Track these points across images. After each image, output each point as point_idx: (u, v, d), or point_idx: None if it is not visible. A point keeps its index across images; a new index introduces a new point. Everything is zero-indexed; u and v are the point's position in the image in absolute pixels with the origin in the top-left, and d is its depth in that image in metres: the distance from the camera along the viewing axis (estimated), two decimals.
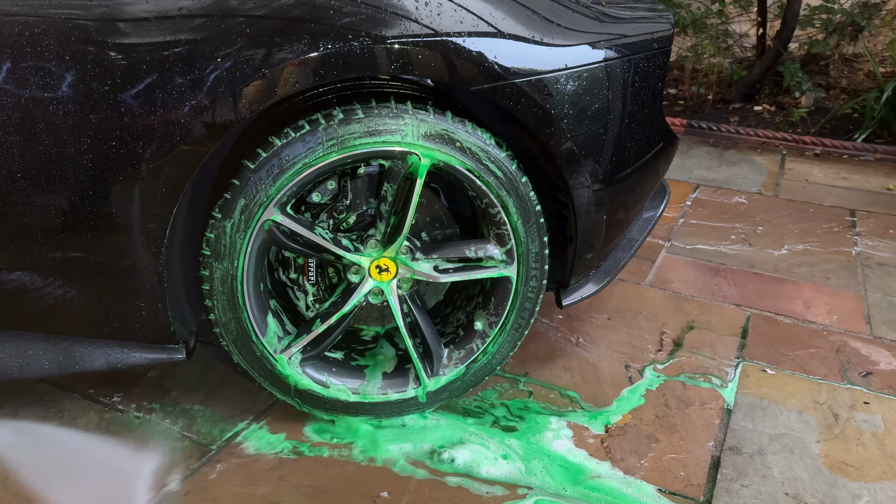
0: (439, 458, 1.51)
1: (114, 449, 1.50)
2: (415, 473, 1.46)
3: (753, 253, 2.60)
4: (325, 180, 1.48)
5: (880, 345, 2.01)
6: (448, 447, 1.53)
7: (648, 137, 1.66)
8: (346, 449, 1.53)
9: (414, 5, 1.26)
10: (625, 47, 1.50)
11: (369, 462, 1.49)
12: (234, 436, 1.56)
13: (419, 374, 1.56)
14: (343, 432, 1.57)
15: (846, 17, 4.41)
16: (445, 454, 1.51)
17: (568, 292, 1.68)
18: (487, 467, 1.48)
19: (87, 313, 1.36)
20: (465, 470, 1.47)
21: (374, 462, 1.49)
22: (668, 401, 1.72)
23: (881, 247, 2.70)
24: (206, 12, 1.19)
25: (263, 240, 1.39)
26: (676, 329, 2.06)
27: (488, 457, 1.51)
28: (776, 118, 4.39)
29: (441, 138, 1.35)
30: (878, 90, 4.05)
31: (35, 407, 1.63)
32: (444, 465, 1.48)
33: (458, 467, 1.48)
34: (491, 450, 1.53)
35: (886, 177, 3.57)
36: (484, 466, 1.48)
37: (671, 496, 1.43)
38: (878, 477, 1.50)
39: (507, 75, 1.32)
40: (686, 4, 4.71)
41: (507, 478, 1.45)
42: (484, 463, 1.49)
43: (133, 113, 1.19)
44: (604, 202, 1.53)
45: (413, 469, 1.48)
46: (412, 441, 1.55)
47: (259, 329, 1.44)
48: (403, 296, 1.53)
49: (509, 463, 1.49)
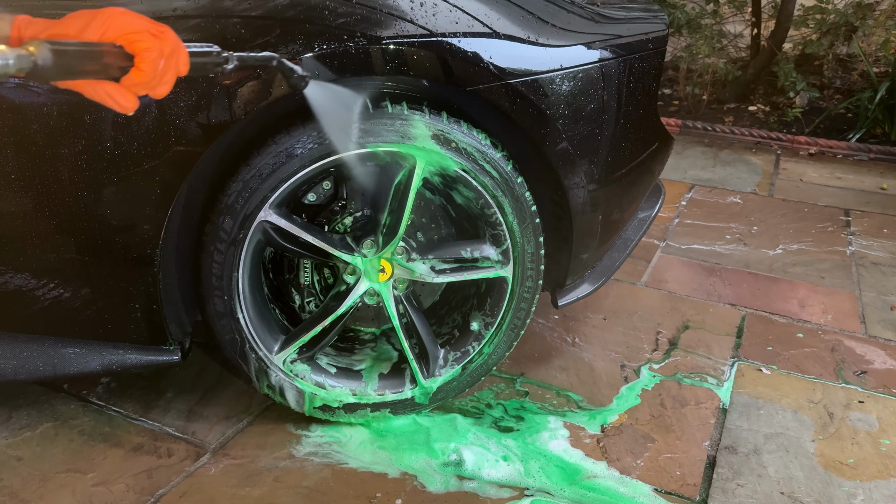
0: (436, 458, 1.50)
1: (110, 450, 1.50)
2: (413, 474, 1.46)
3: (748, 252, 2.61)
4: (321, 181, 1.47)
5: (875, 344, 2.02)
6: (446, 448, 1.53)
7: (643, 137, 1.66)
8: (342, 450, 1.52)
9: (409, 6, 1.26)
10: (620, 48, 1.50)
11: (365, 463, 1.49)
12: (230, 437, 1.56)
13: (415, 375, 1.55)
14: (340, 433, 1.57)
15: (840, 18, 4.42)
16: (443, 455, 1.51)
17: (564, 292, 1.68)
18: (488, 469, 1.48)
19: (81, 315, 1.36)
20: (463, 470, 1.47)
21: (370, 463, 1.49)
22: (664, 400, 1.72)
23: (875, 246, 2.71)
24: (200, 13, 1.19)
25: (259, 240, 1.39)
26: (672, 329, 2.06)
27: (488, 458, 1.51)
28: (771, 118, 4.41)
29: (437, 139, 1.35)
30: (872, 90, 4.07)
31: (29, 409, 1.62)
32: (442, 466, 1.48)
33: (455, 467, 1.48)
34: (491, 451, 1.53)
35: (880, 176, 3.58)
36: (483, 468, 1.48)
37: (667, 496, 1.43)
38: (873, 476, 1.51)
39: (502, 76, 1.32)
40: (681, 5, 4.72)
41: (507, 479, 1.45)
42: (483, 464, 1.49)
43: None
44: (599, 202, 1.53)
45: (411, 470, 1.47)
46: (410, 442, 1.55)
47: (255, 330, 1.44)
48: (399, 296, 1.53)
49: (508, 464, 1.49)
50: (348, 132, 1.29)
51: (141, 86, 0.81)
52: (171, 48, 0.82)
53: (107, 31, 0.79)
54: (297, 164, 1.31)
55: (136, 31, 0.79)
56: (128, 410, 1.63)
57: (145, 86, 0.81)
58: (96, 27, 0.78)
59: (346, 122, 1.27)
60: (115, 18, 0.79)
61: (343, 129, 1.28)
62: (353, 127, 1.29)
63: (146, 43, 0.79)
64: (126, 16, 0.80)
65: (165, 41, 0.82)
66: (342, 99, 1.23)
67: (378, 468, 1.47)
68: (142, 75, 0.80)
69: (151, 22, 0.82)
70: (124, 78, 0.80)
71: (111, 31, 0.79)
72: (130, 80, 0.80)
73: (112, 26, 0.79)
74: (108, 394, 1.68)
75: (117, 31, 0.79)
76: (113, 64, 0.77)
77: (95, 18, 0.79)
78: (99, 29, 0.78)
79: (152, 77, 0.81)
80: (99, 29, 0.78)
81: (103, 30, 0.78)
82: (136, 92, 0.82)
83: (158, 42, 0.80)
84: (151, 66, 0.80)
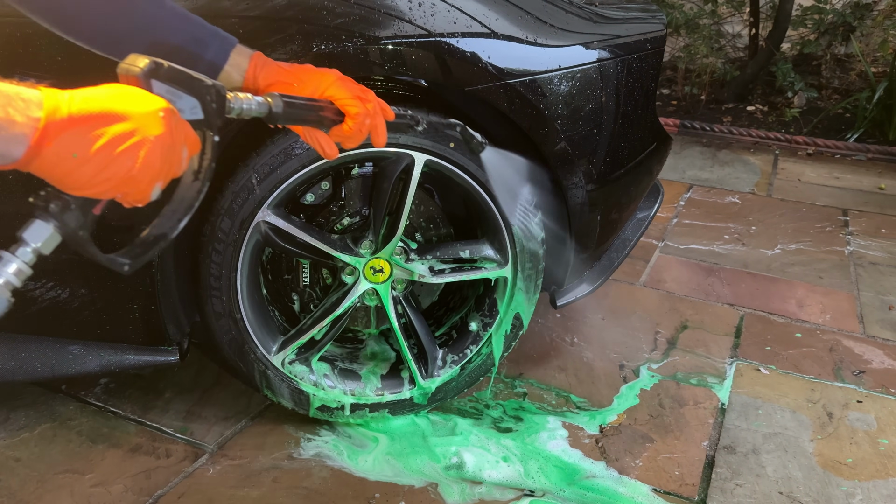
0: (438, 462, 1.50)
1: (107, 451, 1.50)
2: (411, 475, 1.46)
3: (747, 252, 2.61)
4: (319, 181, 1.47)
5: (873, 343, 2.02)
6: (443, 448, 1.53)
7: (642, 138, 1.66)
8: (340, 450, 1.52)
9: (407, 6, 1.26)
10: (618, 48, 1.50)
11: (364, 464, 1.49)
12: (229, 438, 1.55)
13: (414, 376, 1.55)
14: (338, 434, 1.57)
15: (838, 18, 4.43)
16: (444, 458, 1.51)
17: (562, 292, 1.68)
18: (488, 470, 1.48)
19: (79, 315, 1.35)
20: (460, 470, 1.47)
21: (369, 464, 1.49)
22: (663, 400, 1.72)
23: (873, 246, 2.71)
24: (198, 13, 1.18)
25: (257, 241, 1.39)
26: (670, 329, 2.06)
27: (487, 459, 1.51)
28: (769, 118, 4.41)
29: (434, 139, 1.35)
30: (870, 90, 4.07)
31: (27, 410, 1.62)
32: (444, 469, 1.48)
33: (454, 468, 1.48)
34: (491, 452, 1.53)
35: (878, 176, 3.59)
36: (484, 469, 1.48)
37: (666, 496, 1.43)
38: (872, 475, 1.51)
39: (500, 76, 1.32)
40: (679, 5, 4.72)
41: (507, 480, 1.45)
42: (484, 465, 1.49)
43: None
44: (598, 202, 1.53)
45: (411, 471, 1.47)
46: (408, 442, 1.55)
47: (253, 331, 1.44)
48: (398, 297, 1.53)
49: (508, 465, 1.49)
50: (516, 198, 1.42)
51: (345, 139, 0.98)
52: (374, 110, 0.99)
53: (325, 91, 0.95)
54: (296, 164, 1.31)
55: (350, 97, 0.96)
56: (126, 411, 1.63)
57: (348, 140, 0.98)
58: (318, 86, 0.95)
59: (515, 188, 1.42)
60: (335, 83, 0.96)
61: (512, 194, 1.42)
62: (523, 193, 1.42)
63: (357, 108, 0.96)
64: (343, 81, 0.97)
65: (370, 104, 0.98)
66: (514, 166, 1.38)
67: (377, 469, 1.47)
68: (349, 132, 0.97)
69: (359, 86, 0.99)
70: (333, 129, 0.97)
71: (329, 92, 0.95)
72: (339, 133, 0.97)
73: (331, 88, 0.96)
74: (106, 394, 1.68)
75: (335, 93, 0.95)
76: (327, 117, 0.95)
77: (320, 79, 0.96)
78: (320, 88, 0.95)
79: (358, 135, 0.97)
80: (320, 88, 0.95)
81: (323, 89, 0.95)
82: (342, 143, 0.99)
83: (365, 107, 0.97)
84: (359, 127, 0.97)
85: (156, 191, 0.72)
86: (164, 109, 0.69)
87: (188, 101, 0.75)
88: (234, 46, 0.94)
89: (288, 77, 0.95)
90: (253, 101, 0.84)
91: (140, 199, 0.72)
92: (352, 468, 1.47)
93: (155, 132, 0.68)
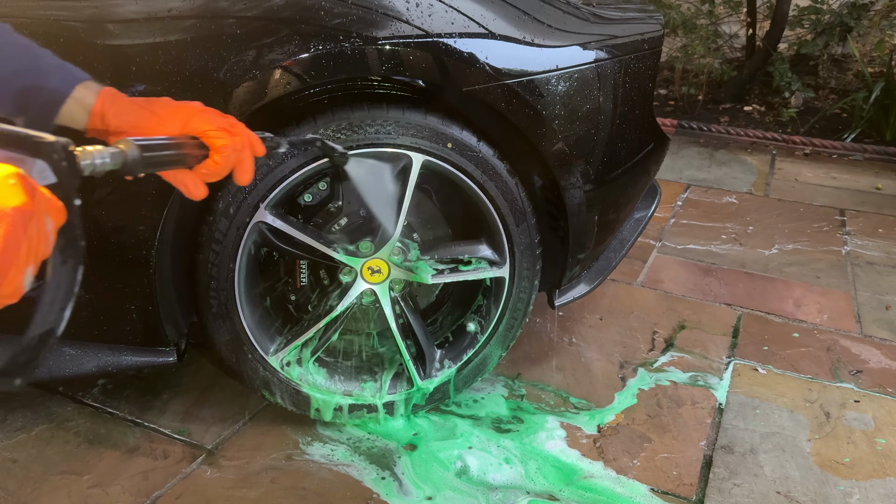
0: (438, 462, 1.50)
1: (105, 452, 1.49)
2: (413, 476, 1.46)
3: (744, 252, 2.61)
4: (317, 181, 1.47)
5: (870, 343, 2.03)
6: (442, 448, 1.53)
7: (639, 138, 1.66)
8: (338, 451, 1.52)
9: (405, 6, 1.26)
10: (615, 48, 1.50)
11: (363, 465, 1.49)
12: (227, 438, 1.55)
13: (412, 376, 1.55)
14: (336, 434, 1.57)
15: (835, 18, 4.43)
16: (440, 456, 1.51)
17: (560, 293, 1.68)
18: (491, 472, 1.48)
19: (77, 316, 1.35)
20: (465, 472, 1.47)
21: (367, 464, 1.49)
22: (660, 400, 1.73)
23: (871, 246, 2.72)
24: (195, 13, 1.18)
25: (255, 241, 1.39)
26: (668, 329, 2.06)
27: (488, 459, 1.51)
28: (766, 118, 4.42)
29: (432, 139, 1.35)
30: (867, 90, 4.08)
31: (25, 411, 1.61)
32: (443, 465, 1.48)
33: (458, 472, 1.48)
34: (493, 454, 1.53)
35: (875, 176, 3.59)
36: (487, 471, 1.48)
37: (663, 495, 1.43)
38: (869, 475, 1.51)
39: (498, 76, 1.32)
40: (676, 5, 4.72)
41: (510, 483, 1.45)
42: (487, 467, 1.49)
43: None
44: (595, 202, 1.53)
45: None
46: (407, 443, 1.55)
47: (251, 331, 1.44)
48: (395, 297, 1.53)
49: (511, 467, 1.49)
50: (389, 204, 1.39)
51: (212, 175, 0.91)
52: (241, 143, 0.92)
53: (187, 124, 0.88)
54: (293, 164, 1.31)
55: (215, 129, 0.88)
56: (124, 412, 1.63)
57: (216, 175, 0.91)
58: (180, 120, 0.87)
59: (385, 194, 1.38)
60: (198, 115, 0.88)
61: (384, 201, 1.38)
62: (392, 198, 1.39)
63: (223, 140, 0.89)
64: (206, 113, 0.90)
65: (238, 137, 0.91)
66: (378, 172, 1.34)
67: (376, 469, 1.47)
68: (216, 167, 0.89)
69: (225, 117, 0.92)
70: (199, 166, 0.89)
71: (193, 124, 0.88)
72: (206, 168, 0.89)
73: (193, 120, 0.88)
74: (103, 395, 1.68)
75: (199, 125, 0.88)
76: (191, 154, 0.87)
77: (181, 112, 0.88)
78: (181, 121, 0.87)
79: (225, 169, 0.90)
80: (181, 121, 0.87)
81: (185, 122, 0.87)
82: (207, 180, 0.91)
83: (232, 139, 0.90)
84: (226, 160, 0.89)
85: (27, 278, 0.58)
86: (14, 175, 0.56)
87: (33, 163, 0.62)
88: (81, 81, 0.87)
89: (143, 114, 0.87)
90: (106, 153, 0.73)
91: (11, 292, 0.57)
92: (350, 468, 1.47)
93: (12, 203, 0.54)
